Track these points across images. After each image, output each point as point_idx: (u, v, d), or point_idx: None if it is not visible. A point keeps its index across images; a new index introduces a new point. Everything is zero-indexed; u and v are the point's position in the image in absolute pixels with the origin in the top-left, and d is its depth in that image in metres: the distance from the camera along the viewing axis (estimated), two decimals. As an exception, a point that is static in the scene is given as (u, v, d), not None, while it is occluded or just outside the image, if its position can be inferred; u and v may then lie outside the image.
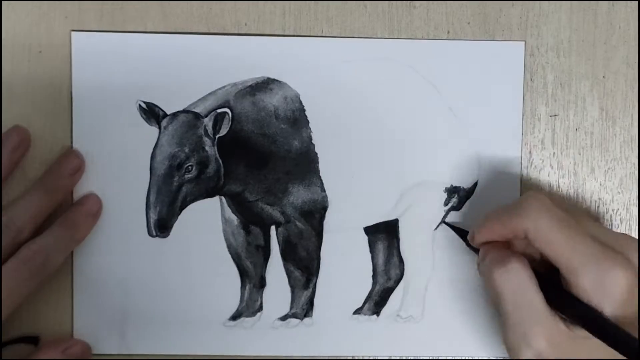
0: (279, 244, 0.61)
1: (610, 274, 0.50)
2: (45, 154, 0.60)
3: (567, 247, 0.51)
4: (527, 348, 0.51)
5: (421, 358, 0.61)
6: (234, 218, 0.61)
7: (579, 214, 0.54)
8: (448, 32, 0.61)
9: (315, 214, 0.61)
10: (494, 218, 0.54)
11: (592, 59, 0.61)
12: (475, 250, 0.57)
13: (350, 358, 0.62)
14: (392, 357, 0.62)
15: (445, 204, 0.61)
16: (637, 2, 0.61)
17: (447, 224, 0.61)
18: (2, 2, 0.59)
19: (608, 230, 0.54)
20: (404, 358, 0.62)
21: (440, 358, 0.62)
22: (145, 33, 0.59)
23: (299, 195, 0.60)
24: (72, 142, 0.59)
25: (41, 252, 0.56)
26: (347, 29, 0.60)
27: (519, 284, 0.52)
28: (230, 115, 0.59)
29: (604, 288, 0.50)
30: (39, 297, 0.60)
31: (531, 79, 0.61)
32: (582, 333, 0.51)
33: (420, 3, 0.60)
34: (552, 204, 0.52)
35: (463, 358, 0.62)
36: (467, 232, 0.58)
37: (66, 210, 0.59)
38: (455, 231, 0.60)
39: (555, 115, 0.61)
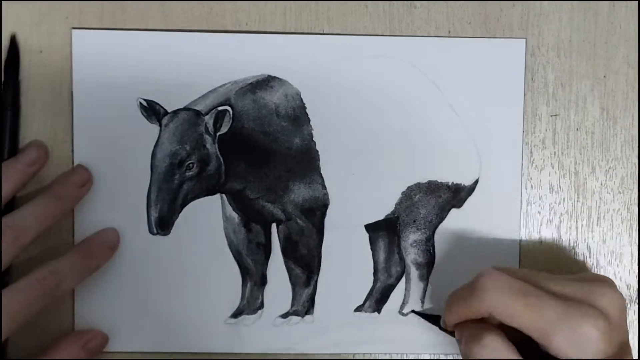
0: (280, 242, 0.61)
1: (582, 327, 0.50)
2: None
3: (533, 316, 0.50)
4: None
5: (421, 355, 0.61)
6: (234, 216, 0.61)
7: (534, 275, 0.54)
8: (449, 31, 0.61)
9: (316, 212, 0.61)
10: (456, 303, 0.54)
11: (592, 59, 0.61)
12: (451, 333, 0.57)
13: (352, 355, 0.61)
14: (393, 354, 0.62)
15: (446, 201, 0.61)
16: (637, 2, 0.61)
17: (417, 313, 0.61)
18: (2, 2, 0.59)
19: (567, 280, 0.54)
20: (405, 355, 0.61)
21: (440, 355, 0.62)
22: (146, 31, 0.60)
23: (299, 192, 0.60)
24: (72, 140, 0.59)
25: (56, 275, 0.55)
26: (347, 29, 0.60)
27: (496, 353, 0.51)
28: (231, 113, 0.59)
29: (580, 343, 0.50)
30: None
31: (532, 79, 0.61)
32: None
33: (421, 3, 0.61)
34: (506, 277, 0.52)
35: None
36: (439, 317, 0.58)
37: (85, 239, 0.59)
38: (426, 319, 0.60)
39: (556, 114, 0.61)
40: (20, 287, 0.55)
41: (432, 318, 0.60)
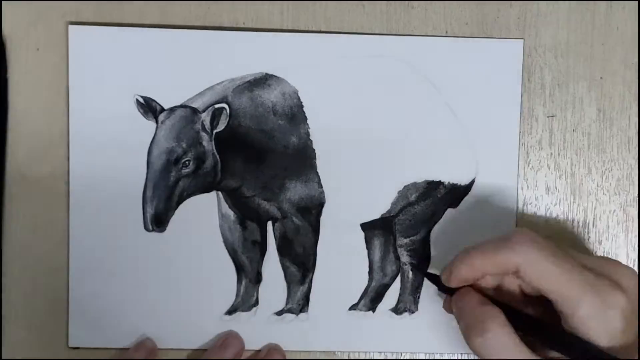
0: (276, 240, 0.61)
1: (611, 299, 0.49)
2: (42, 151, 0.60)
3: (563, 278, 0.50)
4: None
5: (416, 354, 0.61)
6: (230, 213, 0.61)
7: (565, 247, 0.54)
8: (446, 32, 0.61)
9: (312, 210, 0.61)
10: (478, 253, 0.52)
11: (589, 60, 0.61)
12: (448, 291, 0.55)
13: (346, 353, 0.61)
14: (387, 353, 0.62)
15: (442, 201, 0.61)
16: (636, 2, 0.61)
17: (424, 272, 0.61)
18: (2, 2, 0.60)
19: (595, 258, 0.54)
20: (399, 354, 0.61)
21: (435, 354, 0.62)
22: (143, 27, 0.60)
23: (296, 191, 0.60)
24: (69, 137, 0.60)
25: None
26: (344, 29, 0.60)
27: (501, 351, 0.50)
28: (228, 111, 0.59)
29: (605, 315, 0.49)
30: (35, 290, 0.60)
31: (529, 80, 0.61)
32: None
33: (418, 3, 0.61)
34: (541, 237, 0.52)
35: (458, 355, 0.62)
36: (437, 276, 0.56)
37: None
38: (427, 276, 0.60)
39: (553, 116, 0.61)
40: None
41: (432, 277, 0.59)
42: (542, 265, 0.50)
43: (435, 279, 0.58)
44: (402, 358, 0.62)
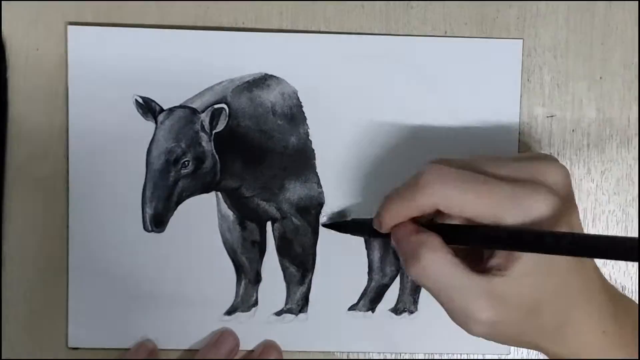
0: (275, 240, 0.61)
1: (531, 207, 0.48)
2: (42, 151, 0.60)
3: (482, 202, 0.49)
4: (476, 325, 0.50)
5: (416, 355, 0.61)
6: (229, 213, 0.61)
7: (476, 160, 0.52)
8: (445, 32, 0.61)
9: (311, 210, 0.61)
10: (397, 202, 0.52)
11: (589, 60, 0.61)
12: (384, 235, 0.54)
13: (345, 353, 0.62)
14: (387, 354, 0.62)
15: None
16: (636, 2, 0.61)
17: (327, 225, 0.60)
18: (2, 2, 0.60)
19: (512, 162, 0.51)
20: (398, 354, 0.62)
21: (435, 354, 0.62)
22: (143, 27, 0.60)
23: (295, 191, 0.60)
24: (68, 138, 0.59)
25: None
26: (344, 29, 0.60)
27: (438, 275, 0.49)
28: (227, 111, 0.59)
29: (531, 223, 0.48)
30: (35, 290, 0.60)
31: (528, 80, 0.61)
32: (523, 280, 0.49)
33: (417, 3, 0.61)
34: (448, 169, 0.50)
35: (457, 355, 0.62)
36: (364, 222, 0.56)
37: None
38: (338, 228, 0.60)
39: (552, 116, 0.61)
40: None
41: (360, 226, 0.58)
42: (458, 199, 0.49)
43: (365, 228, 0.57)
44: (401, 358, 0.62)
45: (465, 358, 0.62)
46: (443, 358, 0.62)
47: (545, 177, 0.50)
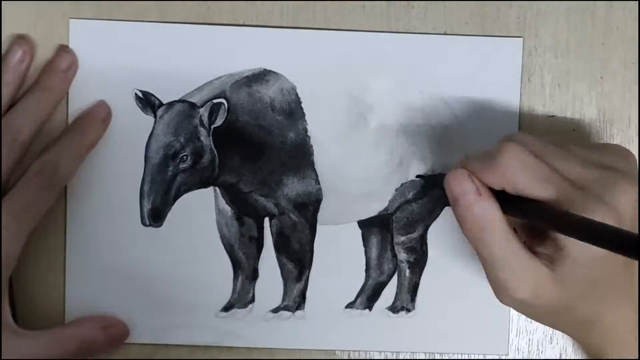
0: (272, 236, 0.61)
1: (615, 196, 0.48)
2: (43, 146, 0.60)
3: (551, 198, 0.49)
4: (510, 300, 0.50)
5: (416, 354, 0.61)
6: (227, 209, 0.60)
7: (551, 151, 0.51)
8: (445, 31, 0.61)
9: (309, 207, 0.60)
10: (477, 167, 0.52)
11: (589, 60, 0.61)
12: None
13: (346, 352, 0.61)
14: (387, 353, 0.61)
15: (440, 199, 0.60)
16: (636, 2, 0.61)
17: (421, 176, 0.60)
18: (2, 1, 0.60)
19: (588, 165, 0.51)
20: (396, 353, 0.61)
21: (435, 354, 0.61)
22: (143, 22, 0.60)
23: (293, 187, 0.60)
24: (68, 132, 0.60)
25: (50, 162, 0.56)
26: (344, 29, 0.61)
27: (492, 246, 0.50)
28: (226, 106, 0.59)
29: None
30: (32, 281, 0.60)
31: (529, 80, 0.61)
32: (568, 269, 0.49)
33: (418, 3, 0.61)
34: (529, 156, 0.50)
35: (457, 355, 0.61)
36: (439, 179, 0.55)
37: (76, 117, 0.59)
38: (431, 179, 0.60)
39: (553, 116, 0.61)
40: (19, 188, 0.55)
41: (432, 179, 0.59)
42: (529, 189, 0.49)
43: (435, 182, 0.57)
44: (401, 358, 0.61)
45: (465, 358, 0.61)
46: (444, 358, 0.61)
47: (614, 198, 0.49)
